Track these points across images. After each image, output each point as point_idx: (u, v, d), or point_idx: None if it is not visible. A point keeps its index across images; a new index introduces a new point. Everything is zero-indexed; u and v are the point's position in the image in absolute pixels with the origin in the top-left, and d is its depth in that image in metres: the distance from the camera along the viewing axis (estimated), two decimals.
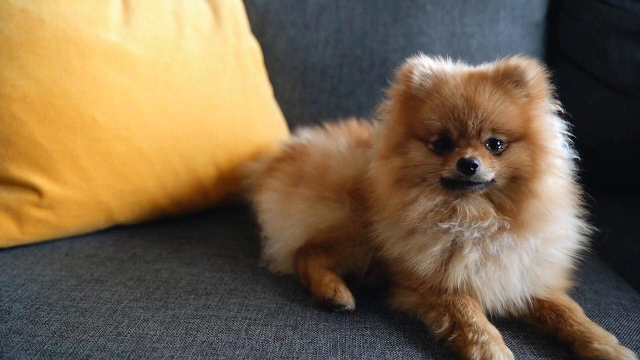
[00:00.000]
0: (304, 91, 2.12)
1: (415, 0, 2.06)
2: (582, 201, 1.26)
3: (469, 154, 1.13)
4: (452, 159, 1.15)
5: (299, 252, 1.43)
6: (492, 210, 1.18)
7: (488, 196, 1.19)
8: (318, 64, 2.10)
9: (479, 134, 1.16)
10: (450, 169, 1.15)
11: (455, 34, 2.06)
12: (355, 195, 1.40)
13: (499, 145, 1.17)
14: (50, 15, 1.49)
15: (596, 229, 1.28)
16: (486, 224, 1.17)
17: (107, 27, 1.57)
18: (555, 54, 2.13)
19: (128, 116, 1.60)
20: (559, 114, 1.23)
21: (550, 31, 2.15)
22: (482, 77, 1.21)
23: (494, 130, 1.16)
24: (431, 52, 1.27)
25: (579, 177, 1.25)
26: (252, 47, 1.96)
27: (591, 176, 1.27)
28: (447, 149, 1.18)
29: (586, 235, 1.28)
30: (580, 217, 1.28)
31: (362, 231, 1.36)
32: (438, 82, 1.22)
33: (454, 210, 1.18)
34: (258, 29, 2.07)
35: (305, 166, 1.52)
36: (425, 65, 1.24)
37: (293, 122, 2.06)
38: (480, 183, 1.15)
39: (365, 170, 1.36)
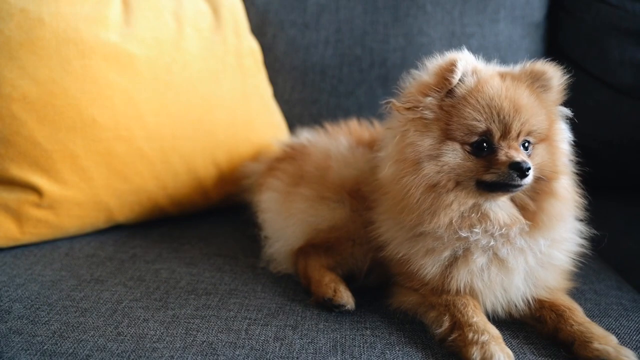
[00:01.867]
0: (304, 91, 2.12)
1: (415, 0, 2.06)
2: (583, 203, 1.26)
3: (519, 157, 1.11)
4: (498, 162, 1.12)
5: (299, 252, 1.43)
6: (520, 216, 1.18)
7: (511, 198, 1.19)
8: (318, 64, 2.10)
9: (517, 136, 1.15)
10: (500, 172, 1.11)
11: (455, 34, 2.06)
12: (356, 195, 1.40)
13: (528, 147, 1.18)
14: (50, 15, 1.49)
15: (596, 232, 1.29)
16: (513, 230, 1.16)
17: (107, 27, 1.57)
18: (555, 54, 2.13)
19: (128, 116, 1.60)
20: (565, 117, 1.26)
21: (550, 31, 2.15)
22: (516, 79, 1.20)
23: (529, 133, 1.17)
24: (431, 52, 1.25)
25: (579, 178, 1.26)
26: (252, 47, 1.96)
27: (591, 176, 1.27)
28: (486, 151, 1.15)
29: (586, 238, 1.28)
30: (581, 220, 1.29)
31: (362, 231, 1.35)
32: (479, 80, 1.18)
33: (484, 216, 1.16)
34: (258, 29, 2.07)
35: (306, 166, 1.52)
36: (468, 61, 1.19)
37: (293, 122, 2.06)
38: (523, 185, 1.13)
39: (366, 169, 1.36)
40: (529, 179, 1.12)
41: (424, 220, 1.16)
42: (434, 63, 1.20)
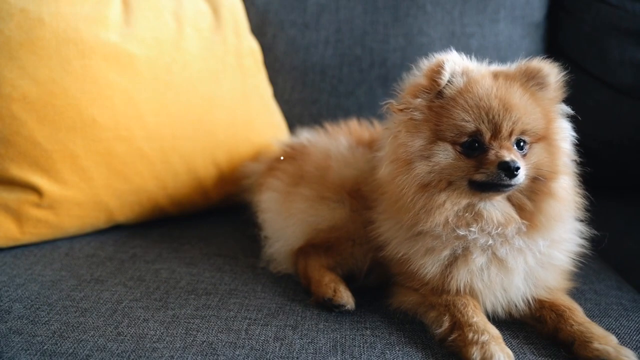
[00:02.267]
0: (304, 91, 2.12)
1: (415, 0, 2.06)
2: (584, 203, 1.26)
3: (508, 156, 1.11)
4: (488, 161, 1.12)
5: (299, 252, 1.43)
6: (515, 215, 1.17)
7: (508, 198, 1.19)
8: (318, 64, 2.10)
9: (509, 135, 1.15)
10: (489, 172, 1.11)
11: (455, 34, 2.06)
12: (356, 195, 1.40)
13: (524, 146, 1.17)
14: (50, 15, 1.49)
15: (596, 232, 1.29)
16: (509, 229, 1.16)
17: (107, 27, 1.57)
18: (555, 54, 2.13)
19: (128, 116, 1.60)
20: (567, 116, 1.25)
21: (550, 31, 2.15)
22: (509, 78, 1.19)
23: (522, 132, 1.16)
24: (431, 52, 1.24)
25: (580, 178, 1.26)
26: (252, 47, 1.96)
27: (591, 176, 1.27)
28: (477, 150, 1.15)
29: (586, 238, 1.28)
30: (581, 220, 1.28)
31: (362, 231, 1.35)
32: (469, 80, 1.18)
33: (478, 215, 1.16)
34: (258, 29, 2.07)
35: (306, 166, 1.52)
36: (456, 62, 1.19)
37: (293, 122, 2.06)
38: (514, 185, 1.13)
39: (366, 169, 1.36)
40: (518, 179, 1.11)
41: (420, 219, 1.17)
42: (425, 64, 1.21)
